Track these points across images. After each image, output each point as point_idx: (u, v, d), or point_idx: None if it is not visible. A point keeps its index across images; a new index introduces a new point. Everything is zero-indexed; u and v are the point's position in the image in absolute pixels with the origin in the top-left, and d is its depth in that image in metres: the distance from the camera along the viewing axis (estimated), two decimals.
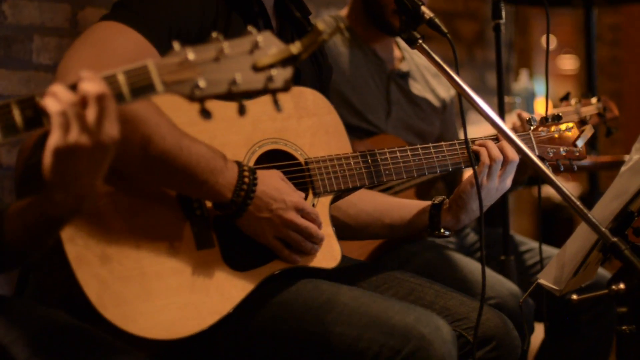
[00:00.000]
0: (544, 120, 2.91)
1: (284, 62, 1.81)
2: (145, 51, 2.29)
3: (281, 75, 1.82)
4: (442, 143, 2.72)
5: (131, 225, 2.26)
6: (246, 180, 2.33)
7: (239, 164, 2.35)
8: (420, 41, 2.66)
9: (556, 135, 2.90)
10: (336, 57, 3.59)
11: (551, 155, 2.88)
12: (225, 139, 2.41)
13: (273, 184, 2.39)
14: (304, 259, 2.48)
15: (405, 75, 3.79)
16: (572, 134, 2.93)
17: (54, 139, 1.71)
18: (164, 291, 2.25)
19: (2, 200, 2.10)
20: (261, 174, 2.38)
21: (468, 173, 2.92)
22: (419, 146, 2.68)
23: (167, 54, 1.77)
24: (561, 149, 2.89)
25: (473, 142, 2.73)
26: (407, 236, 3.04)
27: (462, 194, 2.71)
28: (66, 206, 1.80)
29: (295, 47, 1.81)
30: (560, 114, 2.93)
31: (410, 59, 3.85)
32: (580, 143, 2.92)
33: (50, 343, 1.98)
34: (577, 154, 2.93)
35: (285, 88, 1.82)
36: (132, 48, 2.29)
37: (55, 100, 1.71)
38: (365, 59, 3.69)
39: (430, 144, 2.70)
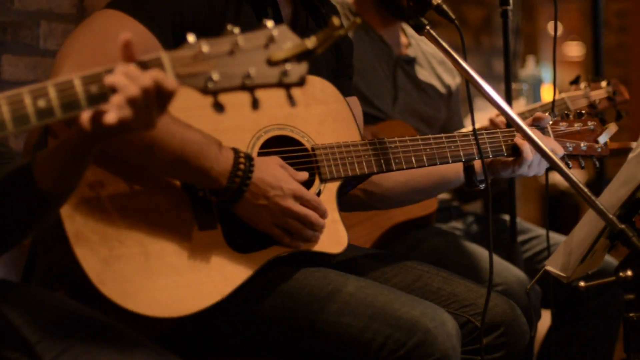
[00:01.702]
0: (566, 116, 2.89)
1: (299, 57, 1.81)
2: (147, 42, 2.28)
3: (296, 69, 1.81)
4: (456, 133, 2.71)
5: (133, 205, 2.26)
6: (241, 167, 2.32)
7: (236, 151, 2.34)
8: (427, 27, 2.65)
9: (578, 130, 2.88)
10: None
11: (571, 149, 2.86)
12: (231, 123, 2.41)
13: (270, 171, 2.37)
14: (307, 244, 2.47)
15: (411, 61, 3.79)
16: (595, 130, 2.91)
17: (113, 115, 1.74)
18: (165, 270, 2.26)
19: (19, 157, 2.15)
20: (259, 161, 2.37)
21: None
22: (430, 136, 2.67)
23: (181, 46, 1.77)
24: (582, 144, 2.87)
25: (486, 132, 2.72)
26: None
27: (493, 169, 2.77)
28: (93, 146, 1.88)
29: (310, 42, 1.81)
30: (584, 111, 2.91)
31: (416, 45, 3.85)
32: (602, 139, 2.90)
33: (60, 327, 1.99)
34: (600, 150, 2.91)
35: (300, 83, 1.83)
36: (133, 38, 2.28)
37: (129, 80, 1.74)
38: (372, 44, 3.68)
39: (442, 134, 2.69)
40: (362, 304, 2.36)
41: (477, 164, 2.75)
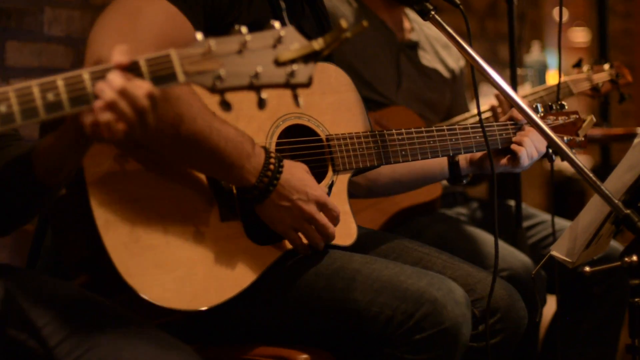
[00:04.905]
0: (549, 108, 2.90)
1: (306, 58, 1.83)
2: (179, 24, 2.27)
3: (303, 70, 1.83)
4: (456, 126, 2.70)
5: (158, 195, 2.26)
6: (271, 167, 2.31)
7: (267, 150, 2.33)
8: (432, 13, 2.65)
9: (562, 124, 2.89)
10: None
11: None
12: (252, 111, 2.40)
13: (298, 175, 2.37)
14: None
15: (414, 46, 3.78)
16: (576, 123, 2.92)
17: (95, 117, 1.75)
18: (187, 262, 2.26)
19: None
20: (287, 164, 2.36)
21: None
22: (433, 128, 2.67)
23: (190, 44, 1.78)
24: (564, 138, 2.88)
25: (486, 125, 2.71)
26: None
27: (479, 164, 2.76)
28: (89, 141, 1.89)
29: (317, 44, 1.83)
30: (564, 103, 2.92)
31: (419, 30, 3.84)
32: (581, 133, 2.92)
33: (66, 312, 2.00)
34: (579, 143, 2.93)
35: (307, 84, 1.83)
36: (165, 20, 2.26)
37: (109, 87, 1.74)
38: (374, 30, 3.67)
39: (445, 126, 2.69)
40: (368, 279, 2.36)
41: (462, 159, 2.76)
